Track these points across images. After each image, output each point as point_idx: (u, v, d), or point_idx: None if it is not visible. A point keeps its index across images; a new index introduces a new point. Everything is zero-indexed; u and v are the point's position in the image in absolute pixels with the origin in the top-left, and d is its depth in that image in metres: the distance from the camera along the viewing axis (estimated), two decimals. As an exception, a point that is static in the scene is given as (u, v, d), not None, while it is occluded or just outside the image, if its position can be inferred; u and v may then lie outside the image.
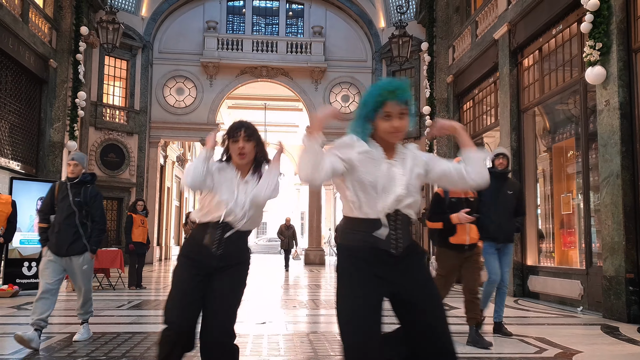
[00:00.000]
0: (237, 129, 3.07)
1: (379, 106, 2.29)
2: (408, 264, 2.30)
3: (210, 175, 3.03)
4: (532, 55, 10.30)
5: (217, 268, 3.00)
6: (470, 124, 13.34)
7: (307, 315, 7.53)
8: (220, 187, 3.02)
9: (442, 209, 5.33)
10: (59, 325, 6.37)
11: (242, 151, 3.02)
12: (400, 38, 15.31)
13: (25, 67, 12.18)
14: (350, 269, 2.29)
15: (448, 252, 5.40)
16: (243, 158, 3.03)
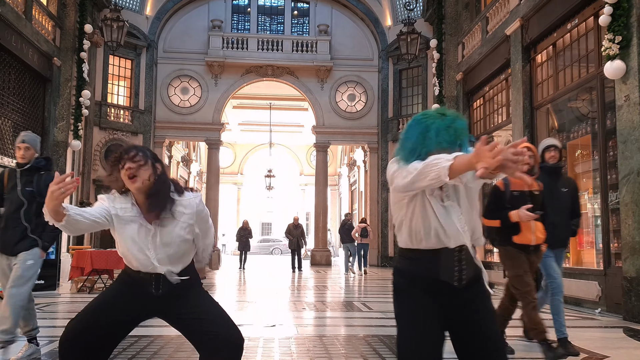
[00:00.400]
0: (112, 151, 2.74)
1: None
2: (469, 296, 2.21)
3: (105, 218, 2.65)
4: (546, 50, 10.07)
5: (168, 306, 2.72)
6: (481, 122, 13.11)
7: (315, 317, 7.31)
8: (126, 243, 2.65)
9: (502, 204, 4.64)
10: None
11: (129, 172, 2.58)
12: (409, 35, 15.10)
13: (28, 66, 12.01)
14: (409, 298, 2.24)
15: (513, 250, 4.67)
16: (134, 182, 2.57)
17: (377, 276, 16.15)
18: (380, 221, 21.42)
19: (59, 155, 12.88)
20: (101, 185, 19.48)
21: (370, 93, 22.10)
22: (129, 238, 2.60)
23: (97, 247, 18.73)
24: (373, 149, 22.05)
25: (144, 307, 2.70)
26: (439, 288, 2.19)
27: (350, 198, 30.11)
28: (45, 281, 9.69)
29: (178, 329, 2.77)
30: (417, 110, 20.92)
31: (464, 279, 2.18)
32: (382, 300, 9.64)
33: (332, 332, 6.26)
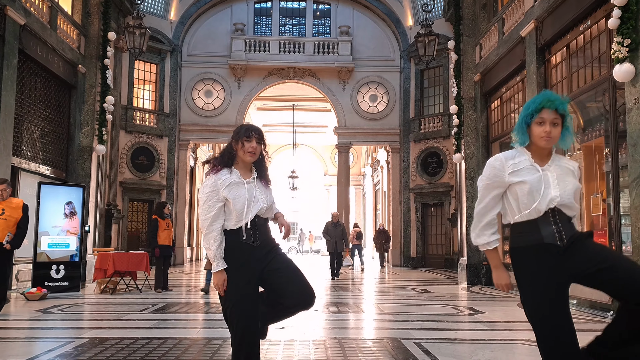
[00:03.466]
0: (252, 130, 3.33)
1: (536, 112, 2.72)
2: (575, 249, 2.67)
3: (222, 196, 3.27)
4: (560, 52, 10.04)
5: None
6: (498, 124, 13.09)
7: (327, 320, 7.46)
8: (235, 202, 3.25)
9: None
10: (78, 330, 6.44)
11: (254, 150, 3.28)
12: (426, 37, 15.14)
13: (54, 74, 12.41)
14: (528, 270, 2.71)
15: None
16: (253, 156, 3.28)
17: (397, 277, 16.22)
18: (402, 221, 21.47)
19: (84, 159, 13.25)
20: (128, 187, 19.98)
21: (392, 93, 22.16)
22: (241, 195, 3.24)
23: (124, 250, 19.25)
24: (395, 150, 22.09)
25: (258, 264, 3.25)
26: None
27: (374, 198, 30.17)
28: (69, 282, 10.06)
29: (268, 279, 3.29)
30: (439, 111, 20.93)
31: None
32: (394, 302, 9.74)
33: (344, 334, 6.40)
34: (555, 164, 2.77)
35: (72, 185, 11.13)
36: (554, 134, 2.71)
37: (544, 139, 2.70)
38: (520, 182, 2.72)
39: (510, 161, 2.77)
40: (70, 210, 10.10)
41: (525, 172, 2.73)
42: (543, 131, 2.70)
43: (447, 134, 20.21)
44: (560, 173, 2.75)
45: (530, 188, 2.69)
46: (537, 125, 2.72)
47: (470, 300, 10.07)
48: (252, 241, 3.24)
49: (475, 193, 13.45)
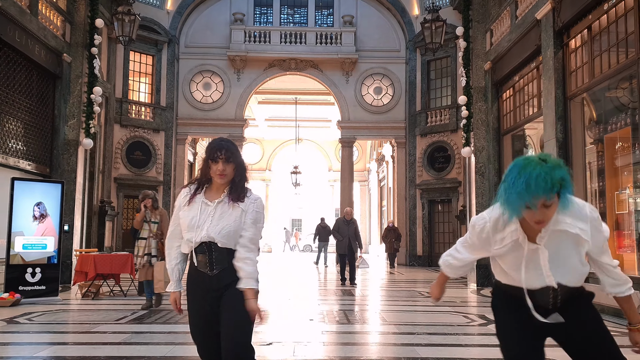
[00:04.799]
0: (218, 150, 2.86)
1: (524, 201, 2.17)
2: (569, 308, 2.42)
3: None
4: (580, 35, 9.17)
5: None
6: (511, 115, 12.24)
7: (323, 332, 6.65)
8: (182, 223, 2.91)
9: None
10: (36, 347, 5.65)
11: (222, 172, 2.84)
12: (433, 23, 14.26)
13: (36, 62, 11.63)
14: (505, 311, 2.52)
15: None
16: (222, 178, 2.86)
17: (402, 277, 15.41)
18: (408, 218, 20.63)
19: (69, 154, 12.48)
20: (123, 184, 19.23)
21: (397, 85, 21.30)
22: (190, 215, 2.84)
23: (119, 248, 18.49)
24: (400, 144, 21.25)
25: (209, 296, 2.82)
26: None
27: (380, 194, 29.33)
28: (47, 286, 9.29)
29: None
30: (446, 103, 20.08)
31: None
32: (397, 309, 8.94)
33: (344, 353, 5.60)
34: (552, 231, 2.27)
35: (50, 182, 10.34)
36: (548, 217, 2.20)
37: (537, 226, 2.23)
38: (504, 261, 2.43)
39: (498, 235, 2.37)
40: (41, 213, 9.30)
41: (511, 251, 2.36)
42: (533, 220, 2.20)
43: (454, 128, 19.36)
44: (557, 247, 2.29)
45: (515, 270, 2.38)
46: (527, 209, 2.19)
47: (481, 305, 9.25)
48: (206, 270, 2.82)
49: (485, 189, 12.62)
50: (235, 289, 2.78)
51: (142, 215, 8.38)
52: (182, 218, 2.86)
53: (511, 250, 2.34)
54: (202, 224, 2.80)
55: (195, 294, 2.85)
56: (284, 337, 6.22)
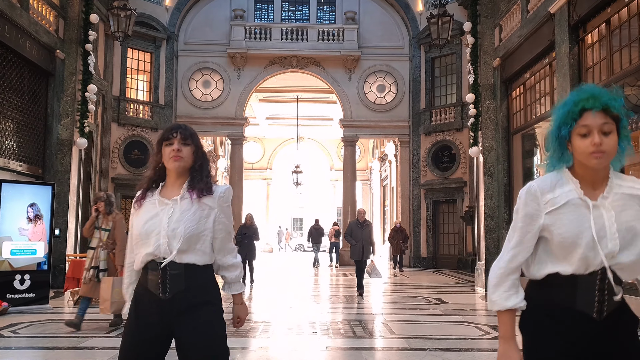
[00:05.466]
0: (173, 130, 2.43)
1: (575, 117, 1.86)
2: (613, 332, 1.90)
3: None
4: (598, 29, 8.70)
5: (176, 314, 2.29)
6: (521, 113, 11.77)
7: (327, 348, 6.20)
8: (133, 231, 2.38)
9: None
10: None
11: (177, 154, 2.33)
12: (440, 18, 13.79)
13: (27, 59, 11.18)
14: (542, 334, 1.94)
15: None
16: (177, 160, 2.33)
17: (408, 280, 14.96)
18: (412, 219, 20.18)
19: (63, 154, 12.04)
20: (120, 184, 18.78)
21: (401, 83, 20.83)
22: (142, 220, 2.31)
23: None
24: (404, 143, 20.79)
25: (157, 325, 2.27)
26: None
27: (382, 193, 28.88)
28: (36, 294, 8.84)
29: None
30: (451, 101, 19.61)
31: None
32: (405, 318, 8.49)
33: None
34: (615, 193, 1.90)
35: (40, 184, 9.90)
36: (608, 147, 1.83)
37: (594, 156, 1.82)
38: (559, 227, 1.88)
39: (548, 195, 1.92)
40: (36, 214, 8.85)
41: (569, 211, 1.88)
42: (591, 144, 1.82)
43: (459, 126, 18.91)
44: (622, 208, 1.88)
45: (573, 236, 1.85)
46: (580, 137, 1.85)
47: (492, 314, 8.79)
48: (157, 291, 2.25)
49: (494, 190, 12.15)
50: (199, 314, 2.26)
51: (91, 221, 7.11)
52: (133, 226, 2.34)
53: (569, 212, 1.88)
54: (154, 230, 2.26)
55: (139, 319, 2.28)
56: (286, 354, 5.77)
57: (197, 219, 2.27)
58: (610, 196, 1.89)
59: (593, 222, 1.84)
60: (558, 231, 1.88)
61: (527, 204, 1.94)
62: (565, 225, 1.86)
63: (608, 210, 1.86)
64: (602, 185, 1.90)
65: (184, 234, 2.23)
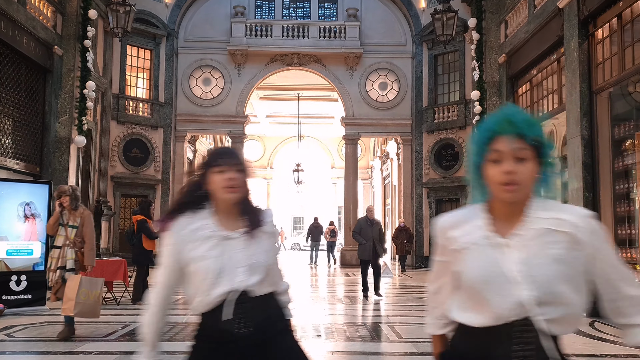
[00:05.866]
0: (224, 156, 2.12)
1: (487, 141, 1.63)
2: None
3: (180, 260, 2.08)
4: (608, 24, 8.50)
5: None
6: (527, 111, 11.56)
7: (332, 353, 5.98)
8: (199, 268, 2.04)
9: None
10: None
11: (233, 184, 2.07)
12: (445, 14, 13.58)
13: (24, 55, 10.97)
14: None
15: None
16: (234, 191, 2.08)
17: (412, 281, 14.76)
18: (414, 218, 19.96)
19: (61, 152, 11.83)
20: (119, 182, 18.57)
21: (403, 81, 20.61)
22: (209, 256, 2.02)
23: (116, 249, 17.87)
24: (406, 141, 20.57)
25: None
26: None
27: (384, 192, 28.68)
28: (33, 295, 8.63)
29: None
30: (454, 99, 19.40)
31: None
32: (412, 321, 8.28)
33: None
34: (532, 229, 1.59)
35: (37, 182, 9.69)
36: (522, 176, 1.57)
37: (506, 189, 1.57)
38: (462, 270, 1.64)
39: (452, 232, 1.69)
40: (32, 212, 8.64)
41: (473, 252, 1.62)
42: (501, 172, 1.57)
43: (463, 124, 18.69)
44: (539, 248, 1.56)
45: (478, 281, 1.59)
46: (492, 165, 1.60)
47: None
48: (238, 327, 2.00)
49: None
50: (283, 341, 2.10)
51: (56, 218, 6.49)
52: (196, 263, 2.01)
53: (473, 252, 1.62)
54: (227, 265, 2.01)
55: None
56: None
57: (269, 249, 2.12)
58: (526, 232, 1.60)
59: (499, 264, 1.58)
60: (462, 276, 1.64)
61: (438, 237, 1.75)
62: (469, 268, 1.61)
63: (519, 249, 1.58)
64: (519, 219, 1.63)
65: (265, 265, 2.06)
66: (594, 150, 8.67)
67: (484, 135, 1.62)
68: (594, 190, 8.58)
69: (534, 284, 1.52)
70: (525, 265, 1.54)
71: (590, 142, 8.70)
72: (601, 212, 8.49)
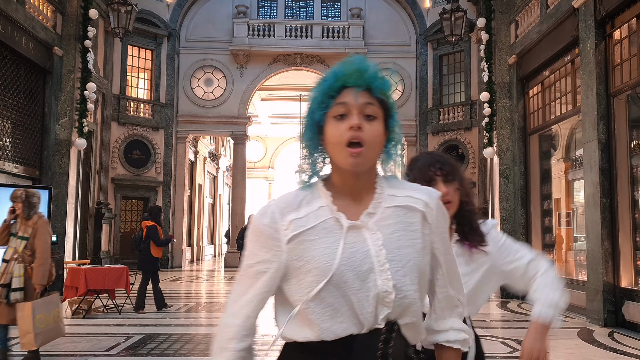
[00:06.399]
0: (430, 166, 1.90)
1: (334, 94, 1.33)
2: None
3: None
4: (627, 24, 8.22)
5: None
6: (539, 113, 11.29)
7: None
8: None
9: None
10: None
11: (445, 199, 1.75)
12: (453, 13, 13.30)
13: (23, 56, 10.70)
14: None
15: None
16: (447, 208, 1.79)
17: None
18: (419, 221, 19.67)
19: (61, 155, 11.56)
20: (120, 184, 18.30)
21: (408, 81, 20.33)
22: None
23: (117, 253, 17.60)
24: (411, 142, 20.29)
25: None
26: None
27: (387, 194, 28.44)
28: (32, 304, 8.34)
29: None
30: (459, 100, 19.12)
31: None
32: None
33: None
34: (386, 208, 1.33)
35: (35, 187, 9.41)
36: (370, 134, 1.30)
37: (350, 152, 1.28)
38: (306, 262, 1.27)
39: (292, 214, 1.32)
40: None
41: (319, 238, 1.29)
42: (345, 128, 1.30)
43: (468, 126, 18.41)
44: (394, 228, 1.31)
45: (322, 271, 1.25)
46: (335, 121, 1.32)
47: (515, 326, 8.35)
48: None
49: (510, 192, 11.68)
50: None
51: (4, 226, 5.51)
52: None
53: (318, 238, 1.28)
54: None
55: None
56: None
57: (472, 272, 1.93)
58: (378, 212, 1.33)
59: (344, 250, 1.26)
60: (303, 268, 1.29)
61: (260, 228, 1.33)
62: (313, 257, 1.27)
63: (372, 231, 1.30)
64: (368, 197, 1.35)
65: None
66: (612, 155, 8.39)
67: (329, 85, 1.35)
68: (611, 196, 8.31)
69: (397, 275, 1.26)
70: (379, 249, 1.27)
71: (607, 146, 8.42)
72: (619, 218, 8.23)
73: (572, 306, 9.23)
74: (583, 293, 8.72)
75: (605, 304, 8.09)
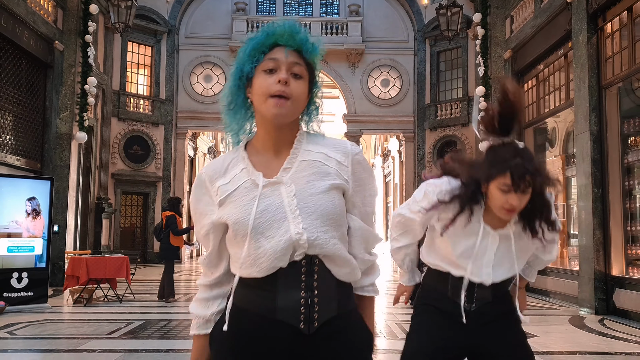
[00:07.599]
0: (519, 176, 1.88)
1: (265, 50, 1.44)
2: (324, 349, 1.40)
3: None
4: (618, 17, 8.38)
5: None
6: (534, 106, 11.45)
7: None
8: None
9: None
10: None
11: (512, 207, 1.94)
12: (449, 8, 13.45)
13: (25, 50, 10.84)
14: None
15: None
16: (510, 215, 1.98)
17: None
18: (417, 216, 19.80)
19: (62, 148, 11.71)
20: (120, 179, 18.44)
21: (406, 78, 20.48)
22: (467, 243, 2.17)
23: (117, 247, 17.75)
24: (409, 138, 20.45)
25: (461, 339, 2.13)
26: None
27: (385, 190, 28.58)
28: (34, 292, 8.51)
29: None
30: (457, 96, 19.27)
31: None
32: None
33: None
34: (301, 162, 1.45)
35: (38, 178, 9.57)
36: (295, 90, 1.42)
37: (275, 103, 1.39)
38: (228, 220, 1.41)
39: (219, 180, 1.45)
40: (34, 208, 8.52)
41: (239, 199, 1.41)
42: (273, 81, 1.40)
43: (465, 121, 18.58)
44: (307, 180, 1.42)
45: (241, 225, 1.38)
46: (264, 75, 1.42)
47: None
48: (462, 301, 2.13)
49: (505, 186, 11.80)
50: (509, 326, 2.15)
51: None
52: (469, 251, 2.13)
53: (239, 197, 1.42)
54: (479, 258, 2.12)
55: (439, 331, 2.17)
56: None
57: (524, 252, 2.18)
58: (294, 166, 1.44)
59: (259, 205, 1.39)
60: (229, 225, 1.42)
61: (195, 193, 1.51)
62: (233, 214, 1.40)
63: (287, 185, 1.41)
64: (287, 152, 1.47)
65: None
66: (603, 146, 8.55)
67: (262, 40, 1.45)
68: (602, 186, 8.46)
69: (306, 220, 1.38)
70: (291, 200, 1.39)
71: (599, 138, 8.58)
72: (610, 208, 8.39)
73: (564, 295, 9.40)
74: (576, 282, 8.88)
75: (597, 292, 8.25)
